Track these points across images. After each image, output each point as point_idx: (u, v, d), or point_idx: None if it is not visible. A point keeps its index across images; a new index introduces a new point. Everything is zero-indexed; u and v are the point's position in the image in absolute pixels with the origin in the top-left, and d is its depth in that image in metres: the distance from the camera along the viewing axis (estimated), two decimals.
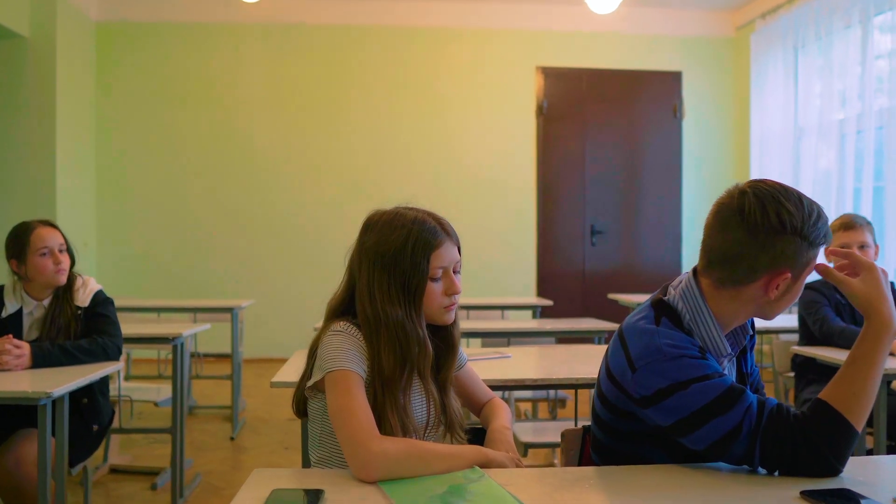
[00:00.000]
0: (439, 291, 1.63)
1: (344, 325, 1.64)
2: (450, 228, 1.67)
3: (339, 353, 1.58)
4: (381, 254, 1.64)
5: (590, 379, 2.28)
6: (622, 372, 1.56)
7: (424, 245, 1.60)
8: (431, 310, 1.64)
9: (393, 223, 1.66)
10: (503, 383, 2.26)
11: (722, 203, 1.57)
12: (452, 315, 1.68)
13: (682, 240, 7.76)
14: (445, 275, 1.64)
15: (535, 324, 3.95)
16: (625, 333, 1.60)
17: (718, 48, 7.83)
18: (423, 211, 1.69)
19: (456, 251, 1.66)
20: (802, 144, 6.69)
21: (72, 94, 6.80)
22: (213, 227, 7.45)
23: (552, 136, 7.63)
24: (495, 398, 1.91)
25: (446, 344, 1.74)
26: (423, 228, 1.61)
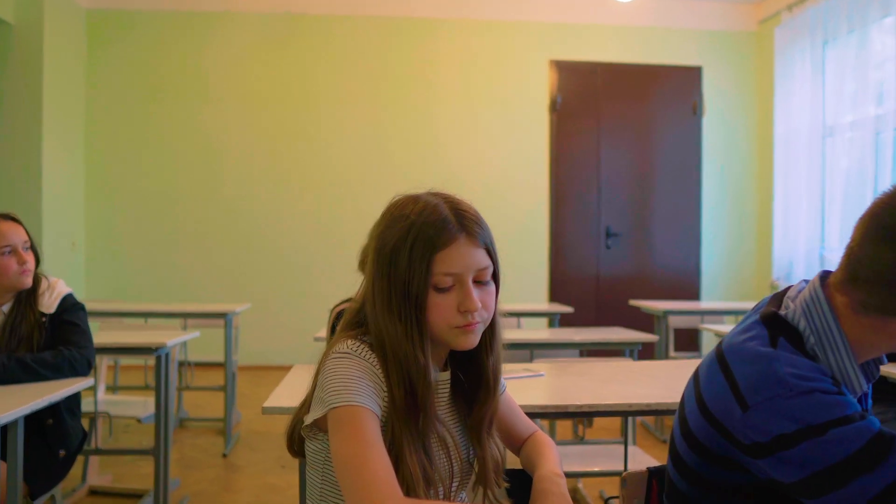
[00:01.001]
0: (448, 306, 1.25)
1: (353, 346, 1.26)
2: (471, 223, 1.28)
3: (346, 384, 1.21)
4: (380, 251, 1.29)
5: (646, 405, 1.90)
6: (725, 408, 1.18)
7: (425, 243, 1.24)
8: (439, 329, 1.26)
9: (399, 212, 1.29)
10: (544, 410, 1.88)
11: (886, 204, 1.18)
12: (471, 338, 1.28)
13: (701, 243, 7.39)
14: (459, 285, 1.25)
15: (560, 334, 3.57)
16: (727, 356, 1.22)
17: (740, 42, 7.47)
18: (444, 197, 1.31)
19: (478, 254, 1.27)
20: (831, 143, 6.32)
21: (60, 85, 6.43)
22: (209, 225, 7.07)
23: (566, 134, 7.26)
24: (538, 433, 1.54)
25: (477, 378, 1.36)
26: (427, 221, 1.25)
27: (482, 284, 1.29)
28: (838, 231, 6.20)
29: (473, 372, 1.37)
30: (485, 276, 1.29)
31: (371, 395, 1.21)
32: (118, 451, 3.86)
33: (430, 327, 1.26)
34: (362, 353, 1.25)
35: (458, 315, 1.26)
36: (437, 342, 1.29)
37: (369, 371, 1.24)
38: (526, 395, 1.99)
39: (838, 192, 6.21)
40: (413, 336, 1.24)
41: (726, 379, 1.19)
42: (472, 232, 1.27)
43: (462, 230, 1.26)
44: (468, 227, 1.27)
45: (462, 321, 1.26)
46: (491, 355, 1.36)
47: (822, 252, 6.33)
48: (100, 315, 4.38)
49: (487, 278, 1.29)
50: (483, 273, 1.28)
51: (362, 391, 1.20)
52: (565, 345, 3.17)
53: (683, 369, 2.53)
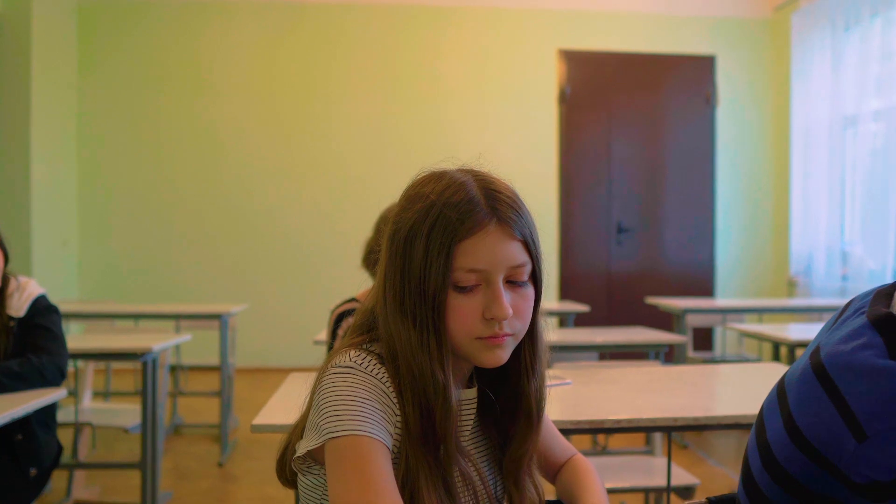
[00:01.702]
0: (471, 311, 1.00)
1: (358, 358, 1.02)
2: (506, 207, 1.03)
3: (348, 407, 0.96)
4: (393, 238, 1.04)
5: (693, 419, 1.65)
6: (831, 437, 0.93)
7: (445, 229, 0.99)
8: (459, 338, 1.01)
9: (418, 190, 1.05)
10: (577, 425, 1.63)
11: None
12: (498, 354, 1.02)
13: (715, 238, 7.13)
14: (486, 284, 1.01)
15: (579, 335, 3.32)
16: (832, 371, 0.96)
17: (755, 29, 7.21)
18: (476, 174, 1.06)
19: (513, 247, 1.02)
20: (852, 134, 6.07)
21: (50, 77, 6.19)
22: (208, 222, 6.83)
23: (575, 126, 7.00)
24: (577, 458, 1.29)
25: (513, 403, 1.11)
26: (449, 202, 1.00)
27: (517, 286, 1.04)
28: (860, 225, 5.95)
29: (508, 394, 1.11)
30: (520, 275, 1.03)
31: (379, 421, 0.96)
32: (102, 465, 3.60)
33: (450, 336, 1.01)
34: (369, 366, 1.01)
35: (482, 323, 1.01)
36: (459, 355, 1.05)
37: (378, 390, 0.99)
38: (552, 406, 1.74)
39: (860, 184, 5.96)
40: (430, 346, 1.00)
41: (833, 400, 0.93)
42: (506, 218, 1.02)
43: (493, 215, 1.01)
44: (502, 211, 1.02)
45: (487, 331, 1.01)
46: (533, 379, 1.10)
47: (844, 246, 6.08)
48: (87, 317, 4.14)
49: (524, 279, 1.04)
50: (518, 272, 1.03)
51: (368, 417, 0.95)
52: (586, 347, 2.92)
53: (723, 376, 2.28)
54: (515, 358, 1.08)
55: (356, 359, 1.01)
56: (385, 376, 1.00)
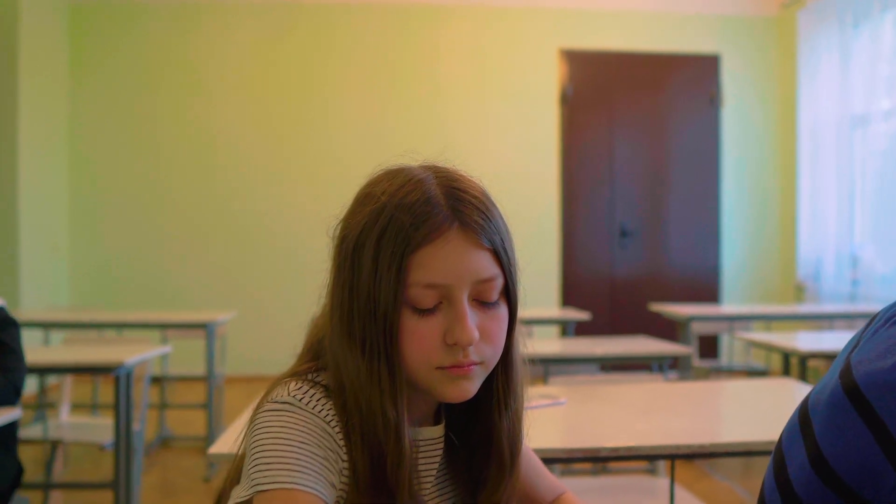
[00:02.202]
0: (430, 335, 0.84)
1: (298, 391, 0.85)
2: (471, 209, 0.85)
3: (280, 454, 0.80)
4: (340, 247, 0.89)
5: (700, 447, 1.49)
6: (868, 470, 0.76)
7: (396, 236, 0.83)
8: (416, 368, 0.85)
9: (369, 189, 0.89)
10: (570, 455, 1.47)
11: None
12: (463, 387, 0.86)
13: (720, 242, 6.96)
14: (447, 303, 0.84)
15: (578, 346, 3.15)
16: (868, 392, 0.79)
17: (760, 28, 7.04)
18: (438, 171, 0.90)
19: (479, 258, 0.84)
20: (861, 134, 5.89)
21: (39, 78, 6.05)
22: (203, 226, 6.67)
23: (577, 127, 6.84)
24: (567, 496, 1.12)
25: (484, 445, 0.94)
26: (403, 204, 0.84)
27: (486, 306, 0.86)
28: (871, 227, 5.78)
29: (479, 432, 0.95)
30: (489, 292, 0.86)
31: (318, 470, 0.80)
32: (71, 485, 3.43)
33: (405, 365, 0.85)
34: (311, 402, 0.84)
35: (443, 350, 0.84)
36: (419, 387, 0.88)
37: (319, 432, 0.83)
38: (544, 431, 1.58)
39: (870, 185, 5.79)
40: (381, 377, 0.83)
41: (870, 426, 0.76)
42: (470, 222, 0.84)
43: (455, 219, 0.84)
44: (466, 214, 0.85)
45: (449, 359, 0.84)
46: (506, 415, 0.93)
47: (853, 250, 5.90)
48: (68, 327, 3.98)
49: (494, 297, 0.87)
50: (486, 288, 0.86)
51: (304, 465, 0.79)
52: (585, 360, 2.76)
53: (731, 393, 2.11)
54: (486, 390, 0.91)
55: (296, 392, 0.85)
56: (330, 414, 0.84)
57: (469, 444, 0.95)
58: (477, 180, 0.92)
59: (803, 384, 2.04)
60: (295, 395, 0.84)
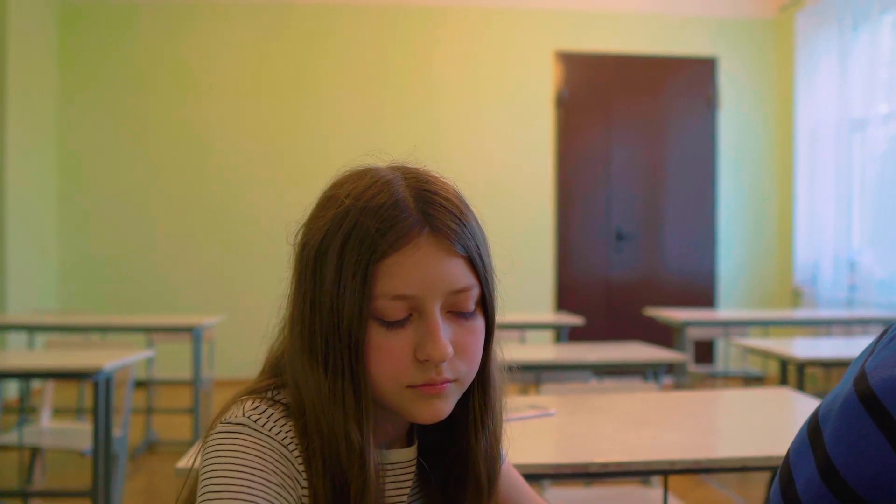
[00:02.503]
0: (400, 350, 0.77)
1: (254, 410, 0.78)
2: (443, 213, 0.78)
3: (230, 482, 0.72)
4: (302, 253, 0.82)
5: (694, 462, 1.42)
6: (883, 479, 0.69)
7: (361, 242, 0.76)
8: (386, 387, 0.78)
9: (335, 192, 0.82)
10: (558, 470, 1.39)
11: None
12: (436, 407, 0.78)
13: (716, 246, 6.89)
14: (418, 315, 0.77)
15: (571, 352, 3.08)
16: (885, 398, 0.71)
17: (758, 30, 6.98)
18: (407, 172, 0.83)
19: (452, 266, 0.78)
20: (861, 138, 5.83)
21: (27, 78, 5.96)
22: (195, 228, 6.58)
23: (572, 130, 6.77)
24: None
25: (460, 468, 0.86)
26: (368, 207, 0.77)
27: (460, 318, 0.79)
28: (870, 233, 5.72)
29: (454, 454, 0.87)
30: (464, 303, 0.79)
31: (272, 499, 0.73)
32: (48, 493, 3.35)
33: (373, 384, 0.78)
34: (268, 423, 0.77)
35: (414, 366, 0.77)
36: (388, 407, 0.81)
37: (276, 456, 0.75)
38: (531, 444, 1.51)
39: (868, 189, 5.73)
40: (344, 397, 0.76)
41: (886, 434, 0.69)
42: (443, 227, 0.78)
43: (425, 224, 0.77)
44: (437, 218, 0.78)
45: (421, 377, 0.77)
46: (482, 437, 0.85)
47: (851, 255, 5.84)
48: (48, 331, 3.90)
49: (469, 307, 0.80)
50: (461, 298, 0.78)
51: (257, 494, 0.72)
52: (578, 366, 2.68)
53: (727, 404, 2.04)
54: (462, 408, 0.84)
55: (251, 413, 0.77)
56: (289, 437, 0.77)
57: (443, 467, 0.88)
58: (450, 182, 0.85)
59: (801, 394, 1.97)
60: (250, 416, 0.77)
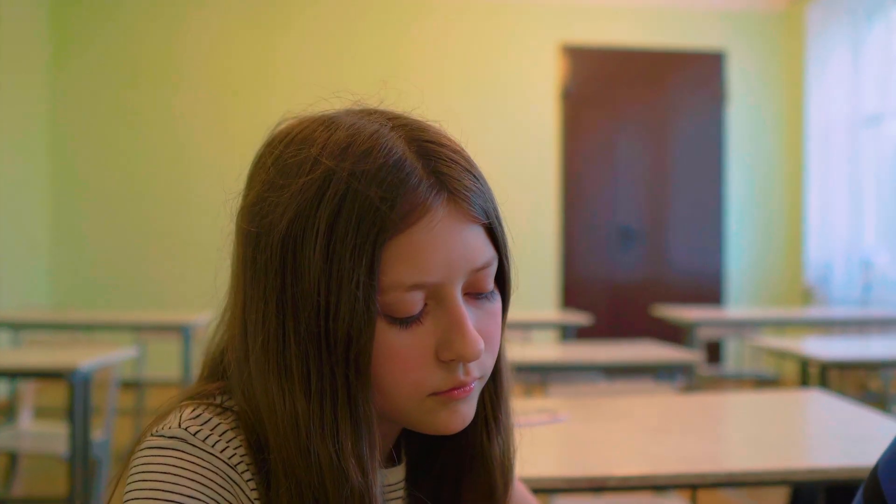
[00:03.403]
0: (419, 353, 0.60)
1: (194, 421, 0.60)
2: (458, 169, 0.62)
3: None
4: (258, 242, 0.62)
5: (727, 475, 1.25)
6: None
7: (360, 220, 0.58)
8: (402, 401, 0.61)
9: (301, 151, 0.63)
10: (572, 484, 1.22)
11: None
12: (462, 412, 0.63)
13: (724, 244, 6.72)
14: (437, 303, 0.61)
15: (579, 352, 2.91)
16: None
17: (769, 23, 6.81)
18: (393, 117, 0.67)
19: (472, 237, 0.61)
20: (874, 134, 5.66)
21: (17, 68, 5.80)
22: (191, 224, 6.38)
23: (577, 125, 6.60)
24: None
25: (470, 479, 0.70)
26: (363, 170, 0.59)
27: (478, 299, 0.63)
28: (883, 230, 5.55)
29: (451, 462, 0.71)
30: (484, 281, 0.63)
31: None
32: (25, 500, 3.17)
33: (382, 398, 0.61)
34: (212, 437, 0.59)
35: (438, 369, 0.60)
36: (393, 420, 0.64)
37: (219, 480, 0.58)
38: (540, 453, 1.33)
39: (882, 187, 5.57)
40: (338, 426, 0.58)
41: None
42: (460, 189, 0.61)
43: (441, 186, 0.60)
44: (452, 178, 0.61)
45: (447, 381, 0.61)
46: (497, 436, 0.70)
47: (864, 253, 5.66)
48: (32, 328, 3.73)
49: (489, 286, 0.64)
50: (481, 277, 0.62)
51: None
52: (587, 367, 2.51)
53: (756, 407, 1.86)
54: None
55: (192, 423, 0.60)
56: (238, 454, 0.59)
57: (435, 477, 0.72)
58: (441, 127, 0.68)
59: (834, 396, 1.80)
60: (188, 427, 0.59)
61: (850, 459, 1.29)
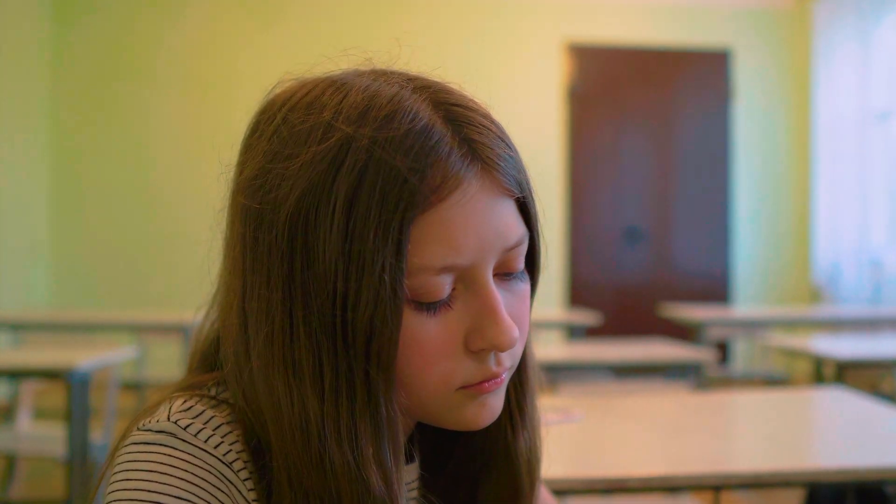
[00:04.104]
0: (450, 340, 0.54)
1: (185, 413, 0.53)
2: (489, 136, 0.58)
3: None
4: (260, 220, 0.53)
5: (754, 476, 1.18)
6: None
7: (385, 194, 0.51)
8: (428, 396, 0.55)
9: (309, 117, 0.55)
10: (590, 485, 1.16)
11: None
12: (490, 405, 0.57)
13: (731, 242, 6.65)
14: (466, 286, 0.54)
15: (589, 350, 2.85)
16: None
17: (775, 20, 6.75)
18: (416, 80, 0.61)
19: (505, 212, 0.57)
20: (884, 131, 5.60)
21: (16, 62, 5.75)
22: (196, 223, 6.33)
23: (583, 124, 6.54)
24: None
25: (492, 478, 0.64)
26: (386, 138, 0.52)
27: (508, 281, 0.58)
28: (893, 229, 5.49)
29: (469, 458, 0.65)
30: (515, 261, 0.57)
31: None
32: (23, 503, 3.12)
33: (407, 393, 0.54)
34: (204, 431, 0.53)
35: (467, 360, 0.54)
36: (416, 417, 0.58)
37: (212, 479, 0.52)
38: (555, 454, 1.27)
39: (892, 185, 5.50)
40: (357, 428, 0.51)
41: None
42: (493, 159, 0.56)
43: (473, 156, 0.55)
44: (484, 146, 0.56)
45: (478, 373, 0.55)
46: (521, 430, 0.64)
47: (873, 252, 5.60)
48: (31, 329, 3.68)
49: (519, 266, 0.58)
50: (512, 256, 0.57)
51: None
52: (597, 366, 2.45)
53: (780, 406, 1.80)
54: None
55: (182, 416, 0.53)
56: (234, 450, 0.53)
57: (457, 478, 0.66)
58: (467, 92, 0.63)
59: (856, 395, 1.74)
60: (178, 420, 0.53)
61: (878, 459, 1.23)
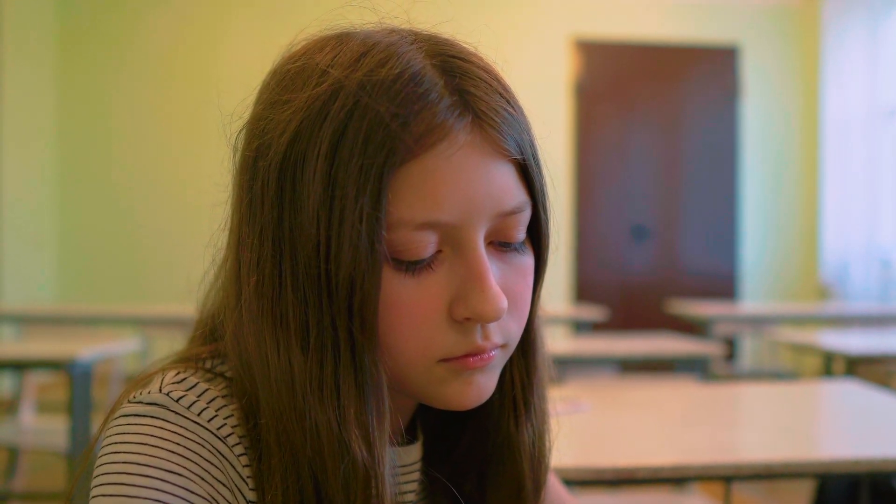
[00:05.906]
0: (431, 305, 0.51)
1: (178, 385, 0.51)
2: (487, 89, 0.54)
3: (126, 492, 0.46)
4: (255, 166, 0.52)
5: (765, 465, 1.16)
6: None
7: (367, 140, 0.48)
8: (407, 364, 0.51)
9: (308, 63, 0.55)
10: (600, 476, 1.14)
11: None
12: (479, 384, 0.53)
13: (738, 239, 6.61)
14: (454, 249, 0.51)
15: (595, 344, 2.82)
16: None
17: (784, 17, 6.71)
18: (417, 32, 0.60)
19: (501, 173, 0.52)
20: (891, 129, 5.55)
21: (23, 57, 5.74)
22: (204, 216, 6.32)
23: (590, 121, 6.51)
24: None
25: (496, 469, 0.60)
26: (375, 82, 0.50)
27: (505, 251, 0.54)
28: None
29: (475, 447, 0.62)
30: (513, 230, 0.54)
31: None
32: (25, 496, 3.09)
33: (387, 360, 0.51)
34: (197, 403, 0.51)
35: (450, 329, 0.51)
36: (401, 390, 0.54)
37: (205, 453, 0.49)
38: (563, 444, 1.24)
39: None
40: (339, 389, 0.49)
41: None
42: (488, 113, 0.52)
43: (465, 107, 0.52)
44: (480, 99, 0.53)
45: (461, 345, 0.51)
46: (525, 423, 0.60)
47: (882, 250, 5.55)
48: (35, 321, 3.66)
49: (519, 237, 0.54)
50: (510, 224, 0.53)
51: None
52: (604, 360, 2.42)
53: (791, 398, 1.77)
54: (497, 384, 0.57)
55: (174, 388, 0.51)
56: (229, 424, 0.51)
57: (463, 467, 0.63)
58: (474, 47, 0.60)
59: (868, 387, 1.71)
60: (171, 392, 0.51)
61: (891, 449, 1.20)
